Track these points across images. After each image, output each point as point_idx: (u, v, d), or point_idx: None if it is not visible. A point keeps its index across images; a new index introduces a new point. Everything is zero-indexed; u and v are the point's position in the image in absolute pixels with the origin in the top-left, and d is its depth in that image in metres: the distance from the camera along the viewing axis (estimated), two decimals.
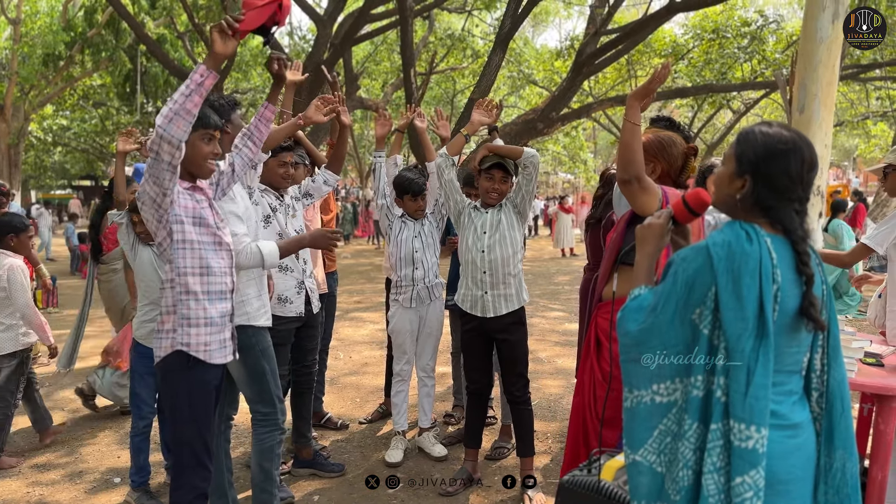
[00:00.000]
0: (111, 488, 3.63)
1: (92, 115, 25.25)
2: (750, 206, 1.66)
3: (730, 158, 1.70)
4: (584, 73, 14.01)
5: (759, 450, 1.51)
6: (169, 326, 2.35)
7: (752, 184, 1.64)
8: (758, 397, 1.52)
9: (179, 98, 2.15)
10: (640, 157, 2.43)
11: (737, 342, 1.54)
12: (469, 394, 3.61)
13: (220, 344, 2.42)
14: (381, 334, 7.55)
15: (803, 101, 4.57)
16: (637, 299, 1.75)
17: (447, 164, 3.53)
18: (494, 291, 3.42)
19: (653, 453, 1.68)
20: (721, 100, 20.48)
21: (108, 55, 19.52)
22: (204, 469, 2.36)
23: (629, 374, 1.72)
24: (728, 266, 1.56)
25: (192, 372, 2.33)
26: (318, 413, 4.49)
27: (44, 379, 5.71)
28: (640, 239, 1.86)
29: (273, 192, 3.38)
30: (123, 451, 4.10)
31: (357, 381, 5.72)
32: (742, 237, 1.60)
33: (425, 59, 20.35)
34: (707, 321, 1.60)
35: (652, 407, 1.68)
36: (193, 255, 2.35)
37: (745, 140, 1.67)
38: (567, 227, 17.17)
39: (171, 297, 2.35)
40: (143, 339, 3.41)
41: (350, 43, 14.92)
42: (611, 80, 21.68)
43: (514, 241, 3.42)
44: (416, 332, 4.03)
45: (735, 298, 1.55)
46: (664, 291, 1.65)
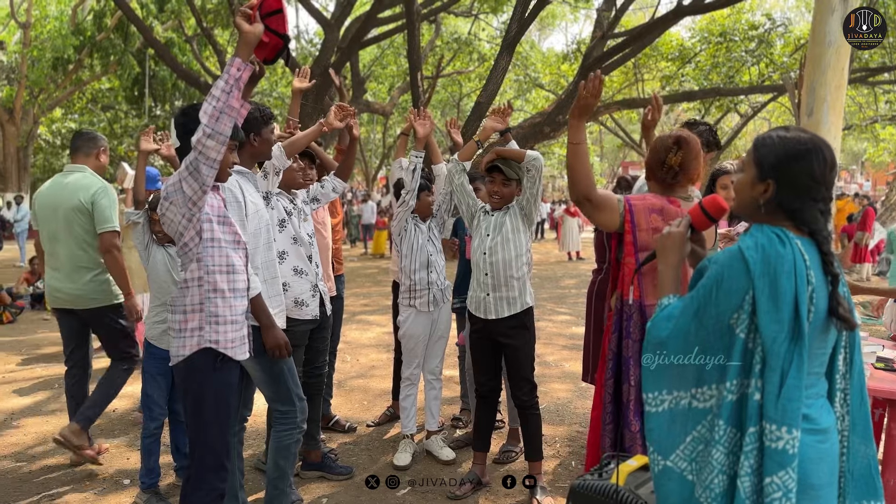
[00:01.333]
0: (120, 490, 3.64)
1: (100, 119, 25.38)
2: (774, 210, 1.67)
3: (749, 164, 1.70)
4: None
5: (789, 451, 1.53)
6: (194, 325, 2.36)
7: (775, 187, 1.65)
8: (790, 398, 1.54)
9: (221, 95, 2.16)
10: (585, 176, 2.43)
11: (772, 345, 1.55)
12: (477, 397, 3.61)
13: (241, 341, 2.47)
14: (387, 337, 7.56)
15: (812, 105, 4.55)
16: (667, 308, 1.75)
17: (457, 169, 3.56)
18: (496, 294, 3.42)
19: (684, 460, 1.68)
20: (728, 103, 20.44)
21: (116, 59, 19.62)
22: (223, 470, 2.37)
23: (668, 378, 1.71)
24: (765, 269, 1.57)
25: (217, 372, 2.35)
26: (325, 416, 4.50)
27: (54, 380, 5.74)
28: (662, 249, 1.87)
29: (286, 195, 3.42)
30: (133, 453, 4.11)
31: (364, 384, 5.73)
32: (775, 240, 1.60)
33: (432, 62, 20.39)
34: (744, 325, 1.60)
35: (689, 411, 1.68)
36: (221, 254, 2.38)
37: (763, 145, 1.68)
38: (573, 230, 17.15)
39: (197, 295, 2.36)
40: (156, 340, 3.42)
41: (357, 47, 14.97)
42: (618, 83, 21.68)
43: (517, 243, 3.42)
44: (427, 337, 4.04)
45: (772, 301, 1.56)
46: (700, 297, 1.65)
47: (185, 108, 2.42)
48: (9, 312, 8.71)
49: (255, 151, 2.95)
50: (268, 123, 2.95)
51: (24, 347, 7.09)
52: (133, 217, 3.50)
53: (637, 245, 2.49)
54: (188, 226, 2.32)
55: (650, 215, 2.49)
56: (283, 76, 23.32)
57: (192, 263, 2.37)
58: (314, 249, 3.49)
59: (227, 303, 2.40)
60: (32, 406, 5.09)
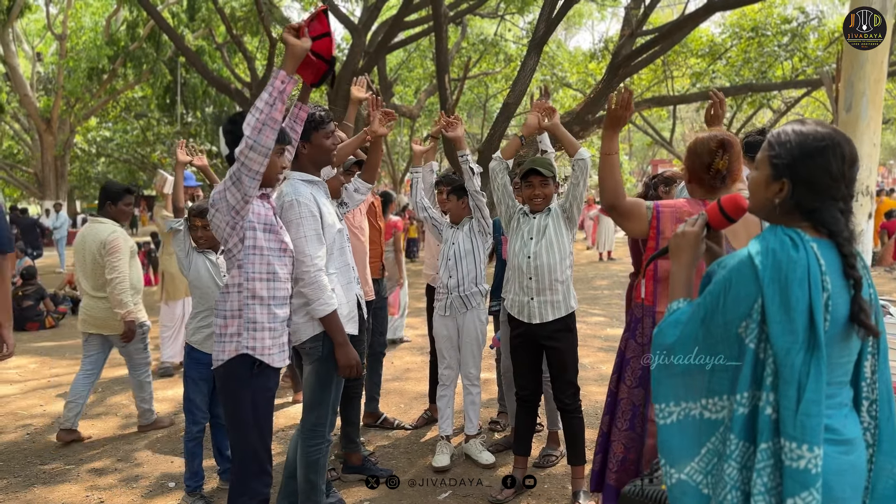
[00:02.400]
0: (166, 493, 3.70)
1: (133, 127, 25.88)
2: (790, 210, 1.57)
3: (763, 162, 1.61)
4: (620, 74, 13.86)
5: (811, 470, 1.43)
6: (233, 330, 2.40)
7: (790, 186, 1.55)
8: (810, 414, 1.43)
9: (265, 108, 2.20)
10: (615, 186, 2.47)
11: (786, 357, 1.45)
12: (518, 400, 3.60)
13: (280, 348, 2.50)
14: (421, 340, 7.57)
15: (850, 100, 4.44)
16: (675, 313, 1.66)
17: (501, 167, 3.52)
18: (541, 298, 3.40)
19: (700, 473, 1.60)
20: (761, 99, 20.10)
21: (149, 67, 20.00)
22: (266, 475, 2.40)
23: (674, 388, 1.64)
24: (774, 276, 1.47)
25: (255, 378, 2.38)
26: (374, 413, 4.57)
27: (98, 384, 5.86)
28: (675, 248, 1.76)
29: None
30: (177, 457, 4.18)
31: (401, 386, 5.75)
32: (787, 244, 1.50)
33: (458, 64, 20.40)
34: (753, 335, 1.51)
35: (701, 422, 1.60)
36: (262, 261, 2.41)
37: (778, 142, 1.58)
38: (609, 229, 17.02)
39: (236, 301, 2.40)
40: (200, 345, 3.47)
41: (384, 51, 15.03)
42: (646, 80, 21.44)
43: (561, 247, 3.40)
44: (454, 339, 4.05)
45: (783, 311, 1.46)
46: (706, 303, 1.57)
47: (234, 115, 2.45)
48: (52, 318, 8.91)
49: (311, 158, 2.92)
50: (319, 128, 2.88)
51: (67, 352, 7.25)
52: (174, 224, 3.55)
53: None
54: (231, 233, 2.37)
55: (676, 223, 2.48)
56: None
57: (233, 269, 2.42)
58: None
59: (265, 310, 2.43)
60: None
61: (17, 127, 26.17)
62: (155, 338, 7.62)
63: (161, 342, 6.30)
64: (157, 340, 6.89)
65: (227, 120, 2.47)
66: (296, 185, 2.81)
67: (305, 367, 2.90)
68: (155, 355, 6.85)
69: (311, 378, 2.88)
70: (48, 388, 5.88)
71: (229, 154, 2.43)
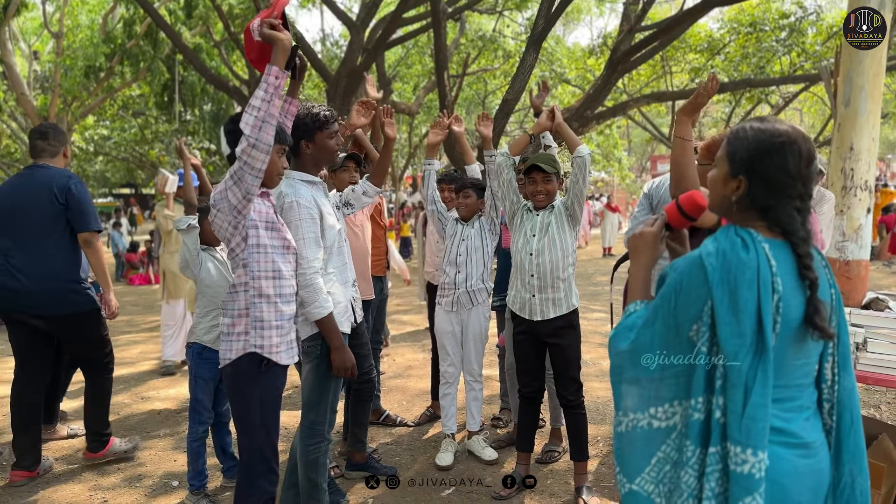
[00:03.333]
0: (170, 492, 3.70)
1: (131, 125, 25.82)
2: (746, 208, 1.56)
3: (722, 159, 1.59)
4: (619, 70, 13.86)
5: (755, 475, 1.41)
6: (241, 329, 2.40)
7: (747, 184, 1.54)
8: (755, 418, 1.42)
9: (262, 105, 2.20)
10: (692, 173, 2.36)
11: (733, 359, 1.44)
12: (521, 397, 3.60)
13: (287, 345, 2.49)
14: (421, 336, 7.58)
15: (849, 94, 4.44)
16: (631, 317, 1.64)
17: (508, 163, 3.52)
18: (542, 295, 3.40)
19: (651, 482, 1.57)
20: (759, 94, 20.10)
21: (146, 65, 19.94)
22: (273, 473, 2.40)
23: (623, 397, 1.62)
24: (723, 278, 1.45)
25: (263, 376, 2.38)
26: (376, 410, 4.56)
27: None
28: (633, 249, 1.74)
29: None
30: (179, 455, 4.18)
31: (402, 384, 5.75)
32: (738, 244, 1.48)
33: (456, 61, 20.37)
34: (705, 338, 1.49)
35: (649, 432, 1.57)
36: (266, 259, 2.41)
37: (735, 138, 1.56)
38: (613, 225, 17.03)
39: (243, 300, 2.40)
40: (213, 344, 3.45)
41: (383, 48, 15.00)
42: (645, 76, 21.45)
43: (564, 244, 3.40)
44: (458, 335, 4.05)
45: (731, 313, 1.44)
46: (658, 306, 1.55)
47: (235, 115, 2.45)
48: None
49: (313, 158, 2.91)
50: (323, 128, 2.85)
51: None
52: (191, 221, 3.53)
53: None
54: (234, 232, 2.37)
55: None
56: (309, 78, 23.49)
57: (238, 269, 2.42)
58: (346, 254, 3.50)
59: (272, 307, 2.43)
60: (79, 408, 5.19)
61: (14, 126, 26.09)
62: (156, 336, 7.63)
63: (162, 341, 6.30)
64: (158, 339, 6.89)
65: (229, 120, 2.47)
66: (296, 185, 2.80)
67: (304, 365, 2.91)
68: (157, 354, 6.86)
69: (310, 377, 2.89)
70: None
71: (231, 154, 2.43)
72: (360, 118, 3.41)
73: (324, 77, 14.71)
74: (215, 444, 3.73)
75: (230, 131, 2.43)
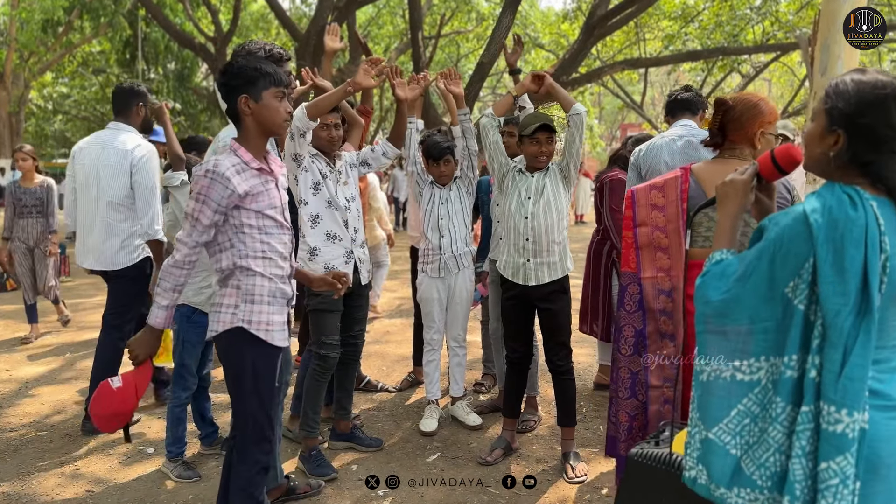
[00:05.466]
0: (145, 459, 3.58)
1: (92, 83, 24.94)
2: (846, 165, 1.49)
3: (819, 113, 1.54)
4: (596, 35, 13.73)
5: (848, 434, 1.39)
6: (230, 301, 2.25)
7: (846, 139, 1.48)
8: (853, 378, 1.39)
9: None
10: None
11: (834, 318, 1.40)
12: (508, 363, 3.54)
13: (281, 325, 2.32)
14: (398, 302, 7.50)
15: (826, 63, 4.42)
16: (720, 265, 1.60)
17: (493, 124, 3.41)
18: (537, 259, 3.32)
19: (728, 434, 1.55)
20: (731, 63, 20.14)
21: (107, 20, 19.15)
22: (266, 442, 2.29)
23: (707, 345, 1.59)
24: (829, 235, 1.41)
25: (254, 347, 2.25)
26: (357, 376, 4.43)
27: (66, 348, 5.66)
28: (722, 196, 1.72)
29: (324, 157, 3.33)
30: (154, 422, 4.05)
31: (381, 349, 5.67)
32: (845, 202, 1.43)
33: (429, 22, 20.00)
34: (803, 295, 1.45)
35: (731, 384, 1.54)
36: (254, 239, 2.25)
37: (835, 91, 1.50)
38: (586, 192, 17.04)
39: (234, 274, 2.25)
40: (202, 306, 3.30)
41: (354, 6, 14.61)
42: (619, 43, 21.29)
43: (559, 207, 3.32)
44: (444, 302, 3.97)
45: (836, 272, 1.40)
46: (754, 260, 1.51)
47: (224, 66, 2.27)
48: (13, 280, 8.59)
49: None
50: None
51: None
52: (184, 177, 3.35)
53: (636, 220, 2.65)
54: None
55: (650, 191, 2.61)
56: (277, 36, 22.87)
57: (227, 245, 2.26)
58: (351, 214, 3.38)
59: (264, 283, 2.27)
60: (46, 374, 5.02)
61: None
62: None
63: None
64: None
65: (220, 72, 2.28)
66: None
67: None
68: None
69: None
70: (14, 352, 5.67)
71: (228, 107, 2.26)
72: (367, 79, 3.17)
73: (293, 35, 14.31)
74: (193, 410, 3.60)
75: (221, 84, 2.24)
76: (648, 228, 2.60)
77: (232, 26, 15.17)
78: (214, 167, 2.16)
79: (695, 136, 3.27)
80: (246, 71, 2.21)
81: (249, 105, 2.22)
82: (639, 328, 2.62)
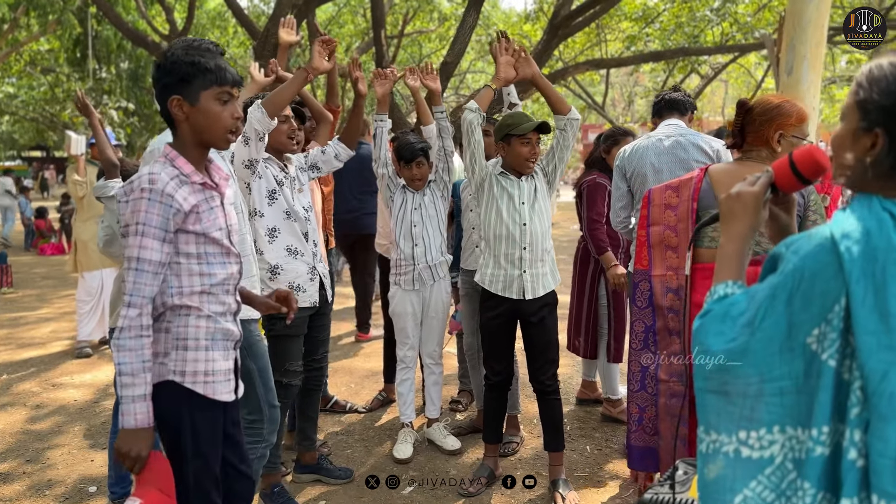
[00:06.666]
0: (86, 499, 3.20)
1: (41, 83, 23.91)
2: (886, 174, 1.14)
3: (850, 108, 1.18)
4: (560, 35, 13.56)
5: None
6: (158, 349, 1.80)
7: (887, 139, 1.13)
8: None
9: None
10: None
11: (881, 382, 1.04)
12: (489, 386, 3.25)
13: (225, 374, 1.89)
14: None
15: (791, 63, 4.34)
16: (722, 303, 1.23)
17: (478, 121, 3.10)
18: (533, 270, 3.07)
19: None
20: (692, 64, 20.30)
21: (55, 17, 18.36)
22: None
23: (706, 409, 1.23)
24: (867, 269, 1.06)
25: (193, 401, 1.82)
26: (324, 396, 4.08)
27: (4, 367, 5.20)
28: (727, 213, 1.33)
29: (276, 161, 2.97)
30: (97, 454, 3.66)
31: (349, 364, 5.34)
32: (887, 224, 1.09)
33: (391, 21, 19.69)
34: (833, 348, 1.09)
35: (736, 462, 1.17)
36: (191, 272, 1.81)
37: (871, 81, 1.14)
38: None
39: (165, 315, 1.81)
40: None
41: (314, 4, 14.22)
42: (580, 44, 21.30)
43: (548, 213, 3.11)
44: (419, 316, 3.67)
45: (878, 317, 1.05)
46: (766, 299, 1.15)
47: (156, 60, 1.85)
48: None
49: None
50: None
51: None
52: (118, 185, 2.99)
53: (649, 219, 2.65)
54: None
55: (665, 191, 2.62)
56: (235, 35, 22.27)
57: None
58: (311, 226, 3.04)
59: (200, 323, 1.83)
60: None
61: None
62: (71, 313, 6.94)
63: (78, 319, 5.66)
64: (73, 317, 6.23)
65: (153, 66, 1.87)
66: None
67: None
68: (71, 333, 6.20)
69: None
70: None
71: (161, 109, 1.84)
72: (322, 61, 2.79)
73: (251, 34, 13.85)
74: None
75: (154, 80, 1.85)
76: (660, 227, 2.62)
77: (187, 24, 14.61)
78: (151, 183, 1.70)
79: (683, 136, 3.12)
80: (180, 66, 1.76)
81: (183, 108, 1.79)
82: (648, 324, 2.65)
